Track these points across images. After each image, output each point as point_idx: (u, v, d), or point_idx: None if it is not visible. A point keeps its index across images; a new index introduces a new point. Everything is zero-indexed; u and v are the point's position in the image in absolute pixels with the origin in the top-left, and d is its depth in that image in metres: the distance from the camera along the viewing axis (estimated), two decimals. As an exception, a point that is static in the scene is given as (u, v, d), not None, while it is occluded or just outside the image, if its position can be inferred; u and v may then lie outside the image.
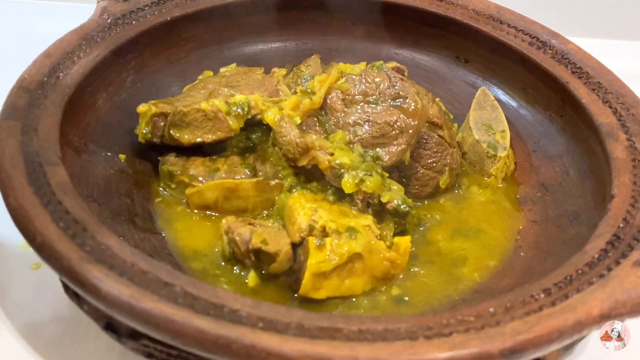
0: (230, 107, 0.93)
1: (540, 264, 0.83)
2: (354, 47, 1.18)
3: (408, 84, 0.95)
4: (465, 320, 0.60)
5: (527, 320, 0.59)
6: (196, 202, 0.91)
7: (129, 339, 0.65)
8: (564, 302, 0.62)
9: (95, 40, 0.97)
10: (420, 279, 0.86)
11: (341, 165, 0.85)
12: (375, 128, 0.92)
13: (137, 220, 0.87)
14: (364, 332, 0.58)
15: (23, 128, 0.78)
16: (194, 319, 0.57)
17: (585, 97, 0.95)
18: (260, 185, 0.91)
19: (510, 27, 1.09)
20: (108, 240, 0.66)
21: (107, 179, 0.90)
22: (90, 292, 0.60)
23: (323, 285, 0.79)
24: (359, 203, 0.86)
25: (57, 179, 0.73)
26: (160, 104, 0.95)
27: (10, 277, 0.87)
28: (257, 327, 0.58)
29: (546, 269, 0.77)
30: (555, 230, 0.89)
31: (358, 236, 0.81)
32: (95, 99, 0.95)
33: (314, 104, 0.94)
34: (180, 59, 1.09)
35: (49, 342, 0.79)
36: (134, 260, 0.63)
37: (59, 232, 0.65)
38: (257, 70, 1.05)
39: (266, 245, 0.82)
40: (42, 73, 0.87)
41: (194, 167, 0.94)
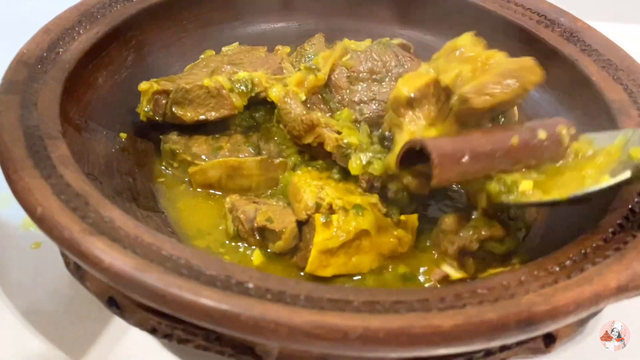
0: (233, 84, 0.91)
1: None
2: (358, 27, 1.16)
3: (415, 61, 0.94)
4: (479, 293, 0.58)
5: (542, 293, 0.58)
6: (199, 180, 0.90)
7: (132, 314, 0.64)
8: (580, 275, 0.60)
9: (96, 17, 0.95)
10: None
11: (349, 145, 0.84)
12: (382, 107, 0.90)
13: (140, 199, 0.85)
14: (375, 303, 0.56)
15: (22, 102, 0.76)
16: (201, 290, 0.55)
17: (595, 75, 0.93)
18: (264, 164, 0.90)
19: (517, 5, 1.07)
20: (111, 213, 0.64)
21: (108, 158, 0.88)
22: (92, 264, 0.58)
23: (330, 262, 0.78)
24: (363, 183, 0.84)
25: (58, 152, 0.71)
26: (162, 82, 0.93)
27: (10, 257, 0.85)
28: (266, 298, 0.56)
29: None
30: (565, 210, 0.87)
31: (365, 213, 0.79)
32: (96, 76, 0.93)
33: (318, 81, 0.92)
34: (181, 38, 1.07)
35: (50, 322, 0.78)
36: (137, 233, 0.62)
37: (60, 204, 0.63)
38: (261, 49, 1.03)
39: (271, 223, 0.80)
40: (42, 48, 0.86)
41: (197, 146, 0.92)
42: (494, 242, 0.80)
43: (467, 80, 0.75)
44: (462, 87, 0.73)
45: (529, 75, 0.75)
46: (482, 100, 0.73)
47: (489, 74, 0.74)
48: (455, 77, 0.76)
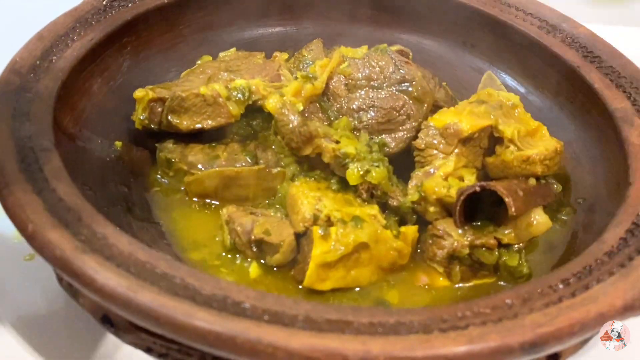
0: (230, 92, 0.90)
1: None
2: (357, 31, 1.14)
3: (414, 67, 0.92)
4: (482, 312, 0.57)
5: (547, 312, 0.56)
6: (195, 190, 0.88)
7: (126, 333, 0.62)
8: (585, 293, 0.59)
9: (90, 23, 0.93)
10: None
11: (346, 155, 0.82)
12: (381, 114, 0.89)
13: (135, 210, 0.84)
14: (375, 325, 0.55)
15: (14, 113, 0.75)
16: (195, 312, 0.53)
17: (598, 82, 0.92)
18: (262, 174, 0.88)
19: (518, 10, 1.06)
20: (104, 229, 0.62)
21: (103, 167, 0.86)
22: (85, 283, 0.56)
23: (328, 276, 0.76)
24: (363, 193, 0.83)
25: (51, 165, 0.69)
26: (158, 89, 0.92)
27: (3, 269, 0.84)
28: (263, 320, 0.54)
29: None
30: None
31: (364, 225, 0.78)
32: (91, 83, 0.91)
33: (316, 90, 0.91)
34: (177, 43, 1.05)
35: (43, 335, 0.77)
36: (131, 250, 0.60)
37: (52, 220, 0.62)
38: (258, 55, 1.01)
39: (269, 235, 0.79)
40: (35, 56, 0.84)
41: (193, 154, 0.90)
42: (485, 250, 0.79)
43: (520, 139, 0.84)
44: (518, 144, 0.83)
45: (558, 161, 0.86)
46: (541, 167, 0.83)
47: (542, 146, 0.84)
48: (513, 133, 0.83)
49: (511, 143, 0.83)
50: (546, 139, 0.86)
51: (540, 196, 0.81)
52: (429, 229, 0.81)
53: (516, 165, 0.82)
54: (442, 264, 0.80)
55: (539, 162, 0.82)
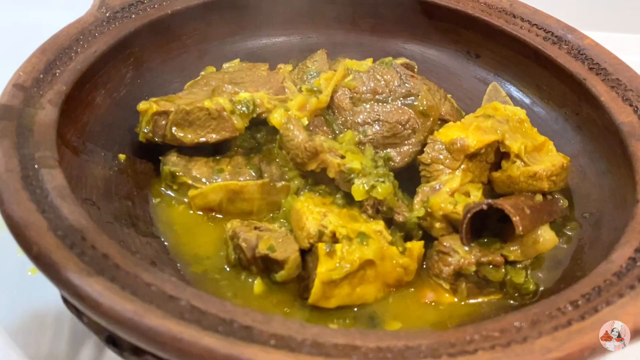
0: (234, 105, 0.89)
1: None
2: (361, 41, 1.14)
3: (419, 80, 0.92)
4: (490, 336, 0.56)
5: (556, 337, 0.56)
6: (199, 204, 0.88)
7: (131, 354, 0.62)
8: (594, 316, 0.58)
9: (94, 35, 0.92)
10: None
11: (351, 170, 0.82)
12: (386, 128, 0.88)
13: (139, 224, 0.83)
14: (384, 349, 0.54)
15: (18, 128, 0.74)
16: (202, 337, 0.53)
17: (604, 95, 0.91)
18: (266, 188, 0.88)
19: (523, 21, 1.05)
20: (108, 249, 0.62)
21: (106, 181, 0.86)
22: (90, 307, 0.56)
23: (333, 293, 0.76)
24: (368, 209, 0.83)
25: (54, 182, 0.69)
26: (162, 102, 0.91)
27: (7, 282, 0.83)
28: (269, 344, 0.54)
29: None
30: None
31: (370, 242, 0.77)
32: (94, 96, 0.91)
33: (320, 103, 0.90)
34: (181, 54, 1.05)
35: (49, 350, 0.76)
36: (136, 272, 0.60)
37: (57, 241, 0.61)
38: (262, 66, 1.01)
39: (273, 252, 0.78)
40: (38, 70, 0.83)
41: (197, 168, 0.90)
42: (492, 267, 0.78)
43: (527, 155, 0.84)
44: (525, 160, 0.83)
45: (564, 176, 0.86)
46: (548, 183, 0.82)
47: (548, 162, 0.84)
48: (520, 148, 0.83)
49: (518, 158, 0.83)
50: (553, 154, 0.85)
51: (547, 213, 0.80)
52: (435, 245, 0.81)
53: (522, 180, 0.82)
54: (448, 280, 0.79)
55: (546, 178, 0.81)
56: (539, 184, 0.82)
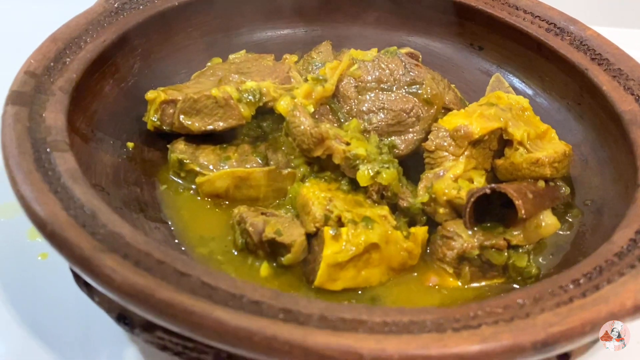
0: (241, 94, 0.91)
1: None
2: (365, 33, 1.15)
3: (423, 69, 0.93)
4: (494, 312, 0.58)
5: (558, 312, 0.57)
6: (207, 190, 0.89)
7: (142, 331, 0.63)
8: (595, 294, 0.60)
9: (102, 25, 0.94)
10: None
11: (356, 157, 0.83)
12: (391, 116, 0.90)
13: (147, 210, 0.85)
14: (389, 324, 0.56)
15: (30, 114, 0.76)
16: (213, 310, 0.54)
17: (606, 84, 0.92)
18: (272, 175, 0.89)
19: (526, 13, 1.07)
20: (120, 229, 0.63)
21: (115, 168, 0.87)
22: (103, 282, 0.57)
23: (339, 276, 0.77)
24: (373, 194, 0.84)
25: (66, 165, 0.70)
26: (170, 91, 0.93)
27: (17, 267, 0.84)
28: (278, 318, 0.55)
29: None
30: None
31: (375, 226, 0.78)
32: (102, 85, 0.92)
33: (326, 92, 0.92)
34: (187, 45, 1.06)
35: (57, 333, 0.78)
36: (148, 250, 0.61)
37: (70, 219, 0.62)
38: (268, 57, 1.02)
39: (280, 236, 0.79)
40: (49, 58, 0.85)
41: (204, 155, 0.91)
42: (494, 251, 0.80)
43: (529, 142, 0.86)
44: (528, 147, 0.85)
45: (567, 163, 0.88)
46: (550, 170, 0.84)
47: (551, 149, 0.86)
48: (523, 136, 0.85)
49: (520, 145, 0.84)
50: (555, 142, 0.87)
51: (549, 198, 0.82)
52: (439, 230, 0.82)
53: (525, 167, 0.83)
54: (452, 264, 0.81)
55: (548, 164, 0.83)
56: (542, 171, 0.83)
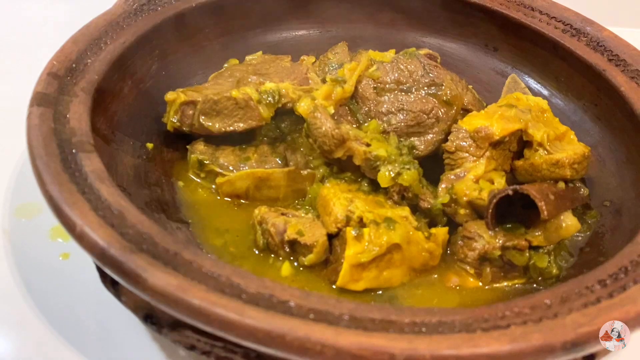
0: (261, 95, 0.91)
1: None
2: (380, 34, 1.16)
3: (443, 71, 0.93)
4: (522, 312, 0.58)
5: (586, 313, 0.58)
6: (227, 191, 0.90)
7: (170, 331, 0.64)
8: (623, 294, 0.60)
9: (121, 26, 0.94)
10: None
11: (377, 158, 0.83)
12: (410, 117, 0.90)
13: (169, 210, 0.85)
14: (419, 324, 0.56)
15: (55, 115, 0.76)
16: (245, 310, 0.55)
17: (624, 85, 0.93)
18: (292, 175, 0.89)
19: (542, 14, 1.07)
20: (149, 229, 0.64)
21: (136, 168, 0.88)
22: (135, 283, 0.58)
23: (362, 276, 0.78)
24: (394, 196, 0.84)
25: (92, 166, 0.71)
26: (189, 92, 0.93)
27: (39, 267, 0.85)
28: (309, 318, 0.56)
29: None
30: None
31: (396, 227, 0.79)
32: (121, 86, 0.93)
33: (345, 93, 0.92)
34: (204, 46, 1.07)
35: (81, 333, 0.78)
36: (177, 250, 0.61)
37: (99, 220, 0.63)
38: (285, 58, 1.03)
39: (302, 236, 0.80)
40: (70, 59, 0.85)
41: (224, 156, 0.92)
42: (516, 251, 0.80)
43: (549, 143, 0.86)
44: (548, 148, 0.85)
45: (586, 165, 0.88)
46: (570, 171, 0.84)
47: (570, 151, 0.85)
48: (543, 137, 0.85)
49: (540, 147, 0.84)
50: (574, 143, 0.87)
51: (570, 200, 0.82)
52: (460, 231, 0.83)
53: (545, 168, 0.84)
54: (473, 265, 0.81)
55: (568, 165, 0.83)
56: (562, 172, 0.83)
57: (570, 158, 0.83)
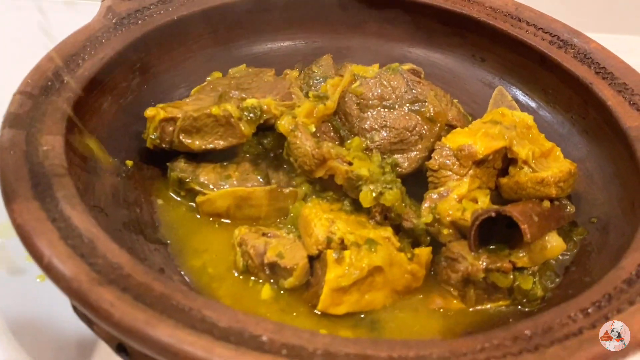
0: (242, 111, 0.89)
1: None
2: (366, 45, 1.14)
3: (426, 86, 0.92)
4: (502, 345, 0.56)
5: (567, 345, 0.56)
6: (207, 210, 0.88)
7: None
8: (606, 324, 0.58)
9: (100, 41, 0.93)
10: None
11: (359, 177, 0.82)
12: (393, 134, 0.88)
13: (147, 231, 0.84)
14: (395, 359, 0.54)
15: (27, 137, 0.74)
16: (214, 347, 0.53)
17: (611, 99, 0.91)
18: (274, 194, 0.88)
19: (529, 25, 1.05)
20: (119, 259, 0.62)
21: (114, 187, 0.86)
22: (102, 317, 0.56)
23: (342, 300, 0.76)
24: (376, 216, 0.83)
25: (64, 191, 0.69)
26: (169, 108, 0.91)
27: (16, 289, 0.83)
28: (281, 354, 0.54)
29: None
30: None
31: (378, 248, 0.77)
32: (101, 102, 0.91)
33: (328, 109, 0.90)
34: (187, 59, 1.05)
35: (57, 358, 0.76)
36: (147, 281, 0.60)
37: (68, 250, 0.61)
38: (268, 72, 1.01)
39: (282, 259, 0.78)
40: (46, 77, 0.84)
41: (205, 174, 0.90)
42: (500, 274, 0.78)
43: (534, 161, 0.84)
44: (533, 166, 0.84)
45: (572, 182, 0.86)
46: (556, 189, 0.82)
47: (556, 168, 0.84)
48: (527, 154, 0.83)
49: (525, 164, 0.83)
50: (560, 161, 0.85)
51: (555, 220, 0.81)
52: (443, 252, 0.81)
53: (530, 186, 0.82)
54: (457, 287, 0.79)
55: (554, 184, 0.81)
56: (547, 190, 0.82)
57: (556, 176, 0.82)
